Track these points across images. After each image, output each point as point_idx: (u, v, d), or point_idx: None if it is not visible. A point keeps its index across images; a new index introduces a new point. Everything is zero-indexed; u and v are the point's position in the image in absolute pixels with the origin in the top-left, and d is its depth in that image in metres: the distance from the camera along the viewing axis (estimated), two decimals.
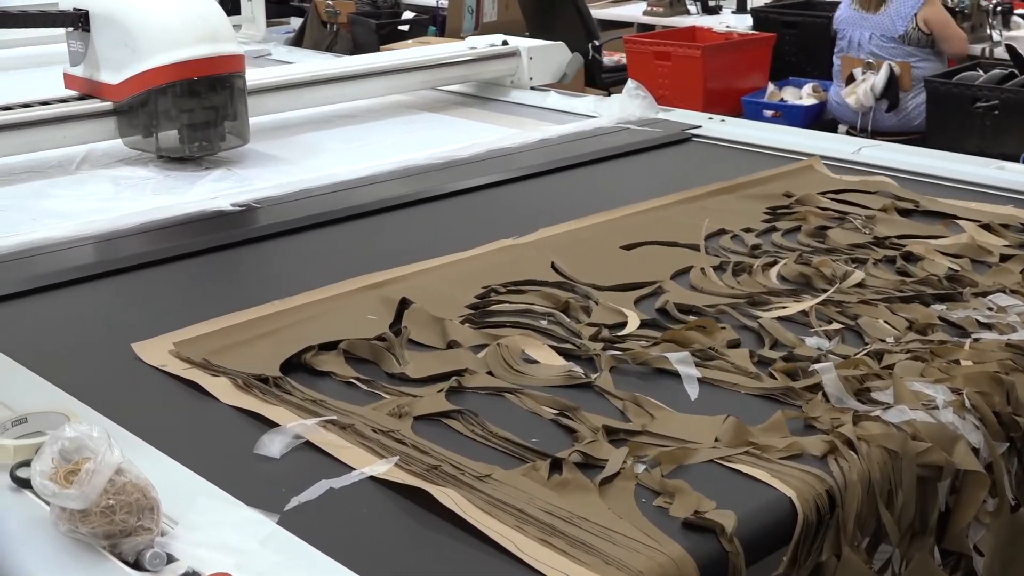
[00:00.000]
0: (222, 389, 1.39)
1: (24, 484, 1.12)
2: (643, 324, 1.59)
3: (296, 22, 7.30)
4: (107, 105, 2.45)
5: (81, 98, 2.49)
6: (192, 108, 2.41)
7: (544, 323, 1.60)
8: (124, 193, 2.29)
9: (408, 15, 6.78)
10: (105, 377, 1.46)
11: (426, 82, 3.10)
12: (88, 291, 1.78)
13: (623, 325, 1.59)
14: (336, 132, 2.80)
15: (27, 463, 1.12)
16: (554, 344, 1.53)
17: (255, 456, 1.25)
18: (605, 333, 1.56)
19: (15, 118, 2.39)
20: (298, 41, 6.67)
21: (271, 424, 1.30)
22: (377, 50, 5.90)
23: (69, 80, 2.54)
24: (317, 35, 6.83)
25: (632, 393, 1.38)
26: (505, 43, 3.18)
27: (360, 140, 2.74)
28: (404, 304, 1.62)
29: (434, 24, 6.73)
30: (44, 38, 3.28)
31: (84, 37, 2.47)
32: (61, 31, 2.51)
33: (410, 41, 5.88)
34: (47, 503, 1.08)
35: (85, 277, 1.82)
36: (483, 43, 3.20)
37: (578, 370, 1.45)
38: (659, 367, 1.46)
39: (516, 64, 3.15)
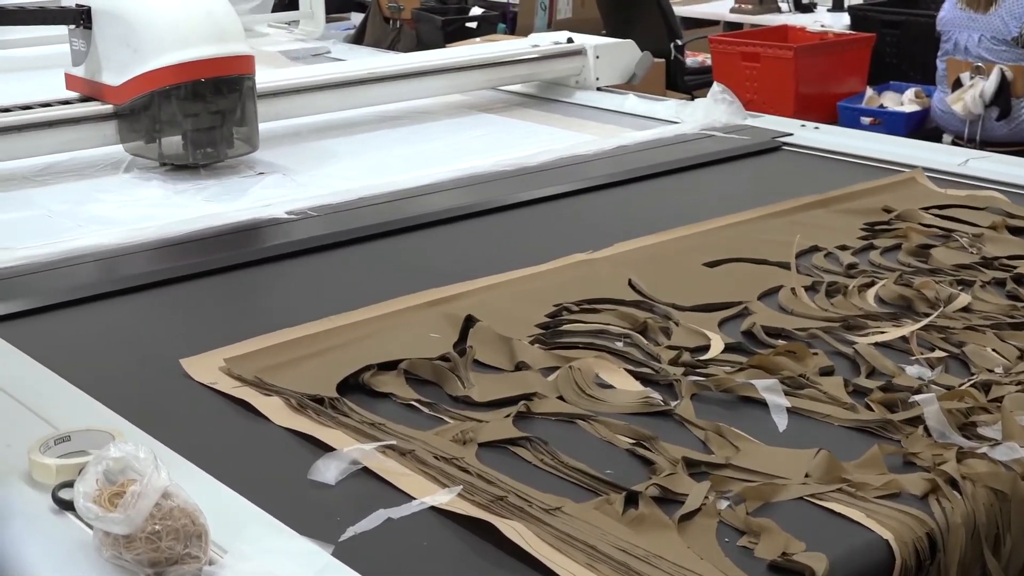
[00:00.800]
0: (275, 409, 1.41)
1: (66, 506, 1.14)
2: (727, 348, 1.59)
3: (357, 18, 7.39)
4: (108, 108, 2.47)
5: (82, 100, 2.51)
6: (197, 112, 2.42)
7: (620, 345, 1.60)
8: (174, 198, 2.33)
9: (476, 11, 6.82)
10: (152, 394, 1.49)
11: (486, 81, 3.13)
12: (135, 303, 1.81)
13: (706, 349, 1.59)
14: (393, 133, 2.83)
15: (70, 484, 1.13)
16: (630, 368, 1.53)
17: (309, 482, 1.26)
18: (686, 357, 1.55)
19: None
20: (359, 38, 6.74)
21: (326, 448, 1.31)
22: (442, 46, 5.97)
23: (70, 81, 2.56)
24: (379, 32, 6.90)
25: (715, 423, 1.38)
26: (570, 40, 3.19)
27: (419, 142, 2.77)
28: (469, 322, 1.63)
29: (504, 21, 6.77)
30: (49, 38, 3.34)
31: (86, 35, 2.49)
32: (66, 30, 2.53)
33: (477, 40, 5.93)
34: (90, 527, 1.09)
35: (132, 288, 1.85)
36: (547, 41, 3.22)
37: (656, 396, 1.45)
38: (744, 395, 1.45)
39: (581, 63, 3.16)
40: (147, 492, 1.06)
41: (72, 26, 2.51)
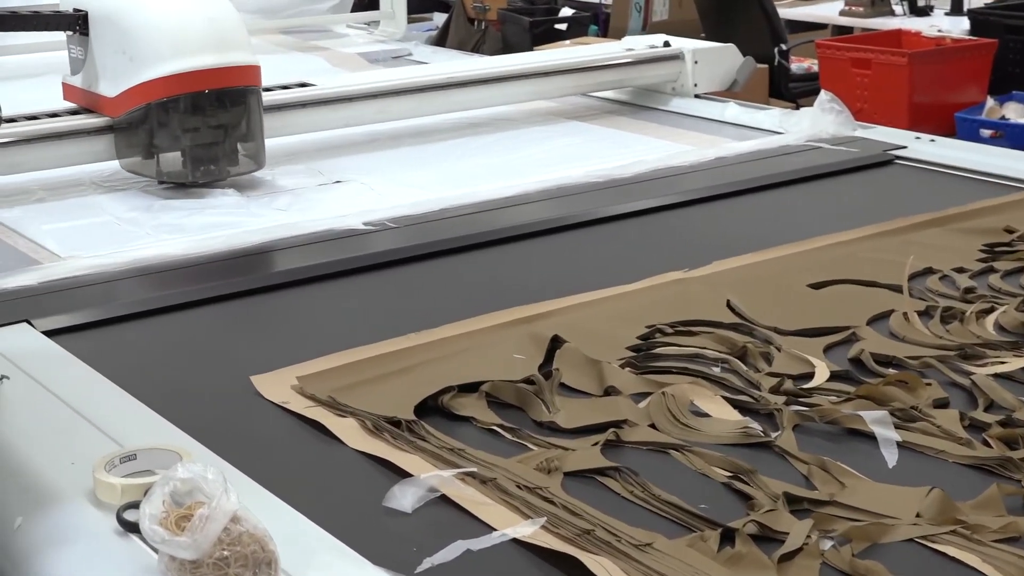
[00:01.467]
0: (349, 431, 1.42)
1: (132, 528, 1.16)
2: (833, 376, 1.57)
3: (440, 19, 7.43)
4: (104, 120, 2.45)
5: (77, 112, 2.50)
6: (197, 127, 2.40)
7: (717, 370, 1.59)
8: (248, 206, 2.36)
9: (567, 12, 6.84)
10: (221, 412, 1.51)
11: (577, 87, 3.13)
12: (204, 315, 1.84)
13: (810, 376, 1.58)
14: (477, 141, 2.85)
15: (135, 505, 1.15)
16: (728, 395, 1.52)
17: (384, 509, 1.27)
18: (788, 385, 1.55)
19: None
20: (441, 40, 6.79)
21: (403, 474, 1.32)
22: (529, 50, 5.99)
23: (68, 91, 2.56)
24: (463, 33, 6.94)
25: (819, 456, 1.37)
26: (667, 44, 3.18)
27: (504, 151, 2.78)
28: (556, 343, 1.63)
29: (596, 23, 6.77)
30: (49, 44, 3.38)
31: (83, 42, 2.47)
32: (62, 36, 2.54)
33: (567, 42, 5.95)
34: (155, 550, 1.11)
35: (201, 300, 1.88)
36: (642, 44, 3.21)
37: (756, 427, 1.44)
38: (851, 427, 1.44)
39: (679, 69, 3.15)
40: (215, 516, 1.07)
41: (69, 32, 2.50)
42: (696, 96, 3.14)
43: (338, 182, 2.50)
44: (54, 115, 2.48)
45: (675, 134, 2.93)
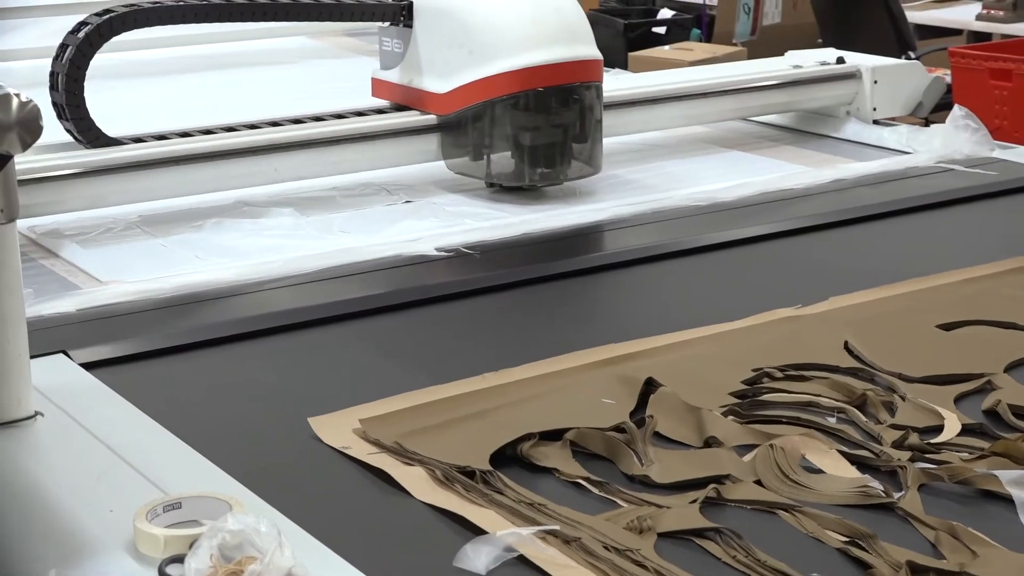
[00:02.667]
0: (417, 482, 1.43)
1: None
2: (965, 430, 1.56)
3: None
4: (430, 119, 2.56)
5: (396, 109, 2.62)
6: (538, 126, 2.48)
7: (832, 421, 1.59)
8: (307, 228, 2.39)
9: (666, 14, 6.84)
10: (275, 458, 1.52)
11: (737, 111, 3.07)
12: (257, 349, 1.86)
13: (938, 430, 1.56)
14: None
15: (180, 558, 1.17)
16: (845, 450, 1.51)
17: (455, 569, 1.27)
18: (914, 439, 1.53)
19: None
20: None
21: (476, 530, 1.33)
22: (623, 57, 6.00)
23: (379, 87, 2.67)
24: None
25: (947, 521, 1.35)
26: (840, 60, 3.10)
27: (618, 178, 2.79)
28: (650, 386, 1.64)
29: (698, 27, 6.77)
30: (178, 38, 3.45)
31: (404, 35, 2.59)
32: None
33: (667, 48, 5.96)
34: None
35: (254, 332, 1.90)
36: (810, 60, 3.13)
37: (876, 485, 1.43)
38: (985, 488, 1.42)
39: (855, 89, 3.06)
40: (269, 572, 1.08)
41: (386, 24, 2.62)
42: (875, 122, 3.04)
43: (408, 201, 2.52)
44: (360, 114, 2.60)
45: (785, 151, 2.92)
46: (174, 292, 2.03)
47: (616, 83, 3.14)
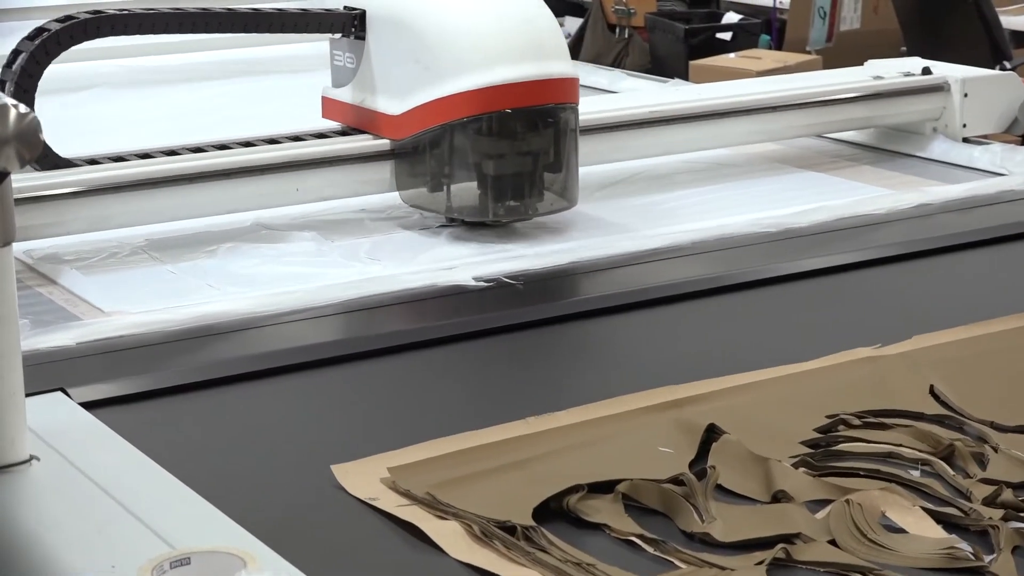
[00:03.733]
0: (452, 537, 1.43)
1: None
2: None
3: (573, 24, 7.50)
4: (383, 144, 2.51)
5: (345, 132, 2.57)
6: (503, 153, 2.41)
7: (916, 474, 1.58)
8: (332, 254, 2.40)
9: (731, 18, 6.84)
10: (294, 509, 1.53)
11: (810, 126, 3.06)
12: (275, 388, 1.87)
13: None
14: (636, 185, 2.84)
15: None
16: (930, 507, 1.50)
17: None
18: (1007, 495, 1.52)
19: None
20: (575, 50, 6.84)
21: None
22: (684, 66, 6.01)
23: (329, 107, 2.62)
24: (601, 43, 7.00)
25: None
26: (926, 71, 3.08)
27: (658, 191, 2.78)
28: (712, 434, 1.63)
29: (768, 32, 6.77)
30: (164, 46, 3.51)
31: (356, 48, 2.53)
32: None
33: (732, 56, 5.97)
34: None
35: (272, 369, 1.90)
36: (891, 70, 3.11)
37: (964, 547, 1.42)
38: None
39: (942, 103, 3.04)
40: None
41: (337, 35, 2.58)
42: (965, 140, 3.02)
43: (444, 225, 2.52)
44: (320, 135, 2.57)
45: (865, 172, 2.92)
46: (184, 324, 2.05)
47: (675, 95, 3.16)
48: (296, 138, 2.54)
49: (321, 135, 2.57)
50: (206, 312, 2.09)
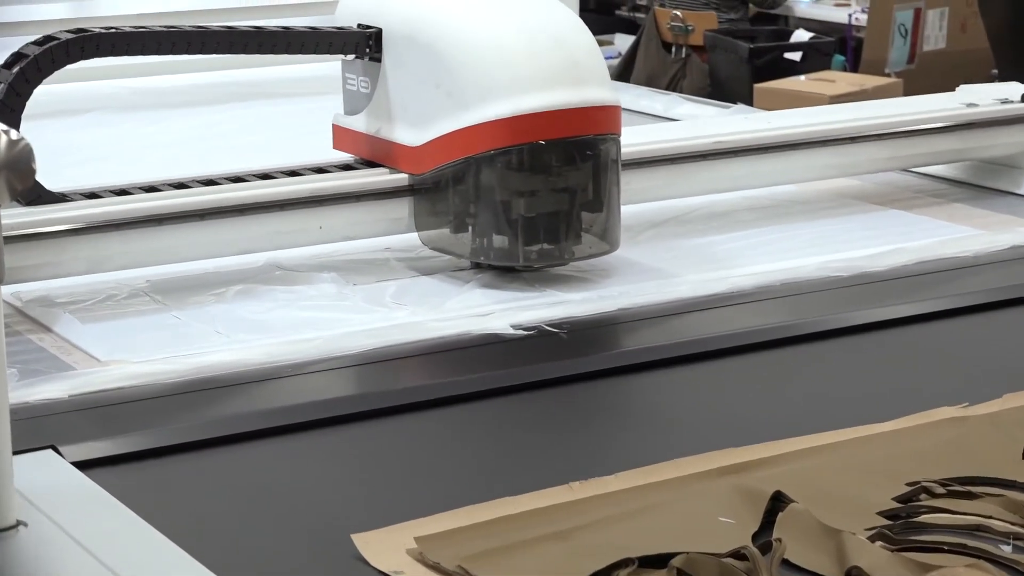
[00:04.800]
0: None
1: None
2: None
3: (624, 43, 7.52)
4: (400, 179, 2.49)
5: (359, 165, 2.56)
6: (535, 190, 2.39)
7: (1007, 549, 1.57)
8: (353, 298, 2.41)
9: (802, 36, 6.84)
10: None
11: (894, 159, 3.03)
12: (289, 447, 1.88)
13: None
14: (691, 221, 2.84)
15: None
16: None
17: None
18: None
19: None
20: (626, 71, 6.87)
21: None
22: (748, 89, 6.01)
23: (341, 136, 2.62)
24: (655, 63, 7.01)
25: None
26: None
27: (715, 230, 2.78)
28: (777, 503, 1.63)
29: (842, 52, 6.78)
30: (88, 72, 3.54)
31: (371, 71, 2.53)
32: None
33: (802, 78, 5.97)
34: None
35: (285, 427, 1.91)
36: (986, 96, 3.10)
37: None
38: None
39: None
40: None
41: (350, 57, 2.57)
42: None
43: (476, 266, 2.52)
44: (320, 170, 2.54)
45: (952, 211, 2.91)
46: (188, 376, 2.05)
47: (739, 123, 3.15)
48: (320, 170, 2.54)
49: (347, 166, 2.57)
50: (213, 362, 2.10)
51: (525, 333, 2.22)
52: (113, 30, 2.43)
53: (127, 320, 2.33)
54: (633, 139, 2.64)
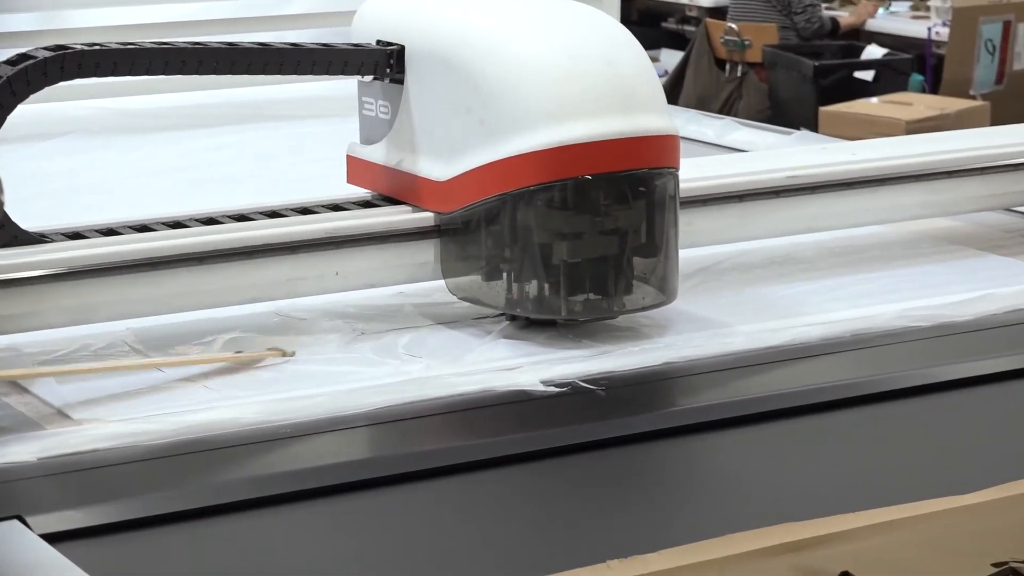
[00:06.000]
0: None
1: None
2: None
3: (671, 59, 7.53)
4: (424, 219, 2.47)
5: (378, 202, 2.54)
6: (581, 232, 2.36)
7: None
8: (361, 350, 2.41)
9: (874, 52, 6.84)
10: None
11: (995, 197, 3.01)
12: (286, 519, 1.88)
13: None
14: (738, 277, 2.84)
15: None
16: None
17: None
18: None
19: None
20: (674, 90, 6.89)
21: None
22: (812, 113, 6.02)
23: (356, 169, 2.59)
24: (706, 81, 7.03)
25: None
26: None
27: (783, 275, 2.79)
28: None
29: (921, 71, 6.78)
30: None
31: (392, 94, 2.50)
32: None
33: (875, 101, 5.97)
34: None
35: (282, 495, 1.91)
36: None
37: None
38: None
39: None
40: None
41: (368, 78, 2.55)
42: None
43: (511, 319, 2.51)
44: (336, 207, 2.52)
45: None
46: (172, 437, 2.05)
47: (816, 156, 3.09)
48: (336, 207, 2.52)
49: (365, 203, 2.55)
50: (200, 422, 2.10)
51: (557, 390, 2.21)
52: (97, 47, 2.41)
53: (104, 376, 2.33)
54: (693, 173, 2.62)
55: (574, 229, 2.36)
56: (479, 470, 2.00)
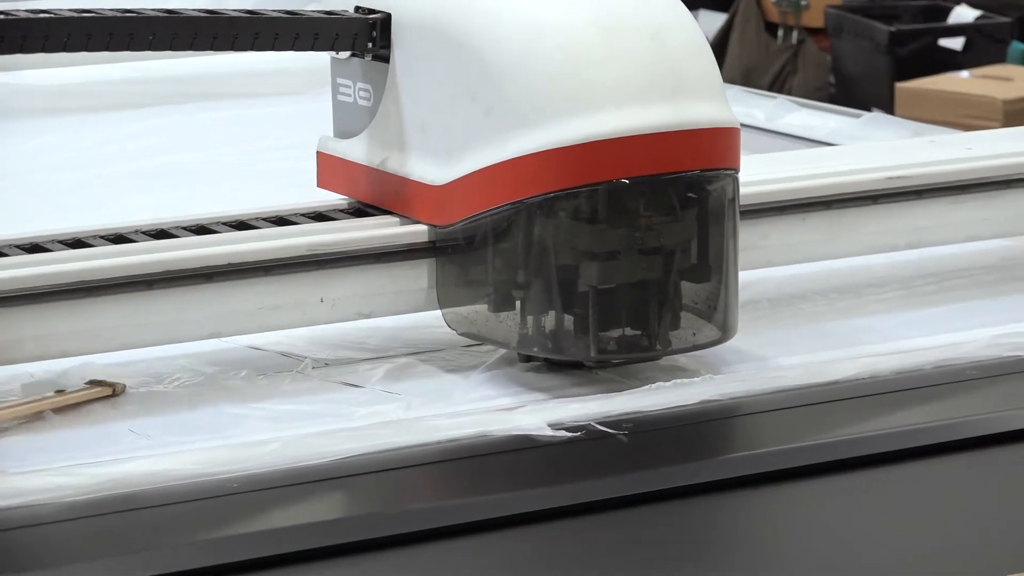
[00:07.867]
0: None
1: None
2: None
3: (710, 21, 7.54)
4: (417, 232, 2.46)
5: (357, 212, 2.53)
6: (615, 250, 2.32)
7: None
8: (330, 388, 2.43)
9: (964, 15, 6.83)
10: None
11: None
12: None
13: None
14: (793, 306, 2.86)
15: None
16: None
17: None
18: None
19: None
20: (716, 58, 6.86)
21: None
22: (888, 88, 6.02)
23: (328, 169, 2.58)
24: (754, 51, 7.03)
25: None
26: None
27: (845, 310, 2.80)
28: None
29: (1021, 37, 6.77)
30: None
31: (374, 75, 2.49)
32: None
33: (965, 75, 5.97)
34: None
35: (223, 566, 1.91)
36: None
37: None
38: None
39: None
40: None
41: (344, 54, 2.53)
42: None
43: (526, 359, 2.49)
44: (321, 216, 2.52)
45: None
46: (92, 492, 2.06)
47: (921, 151, 3.09)
48: (320, 216, 2.51)
49: (357, 211, 2.54)
50: (129, 473, 2.10)
51: (568, 435, 2.22)
52: (7, 16, 2.37)
53: (75, 435, 2.31)
54: (758, 173, 2.62)
55: (606, 247, 2.33)
56: (472, 534, 2.01)
